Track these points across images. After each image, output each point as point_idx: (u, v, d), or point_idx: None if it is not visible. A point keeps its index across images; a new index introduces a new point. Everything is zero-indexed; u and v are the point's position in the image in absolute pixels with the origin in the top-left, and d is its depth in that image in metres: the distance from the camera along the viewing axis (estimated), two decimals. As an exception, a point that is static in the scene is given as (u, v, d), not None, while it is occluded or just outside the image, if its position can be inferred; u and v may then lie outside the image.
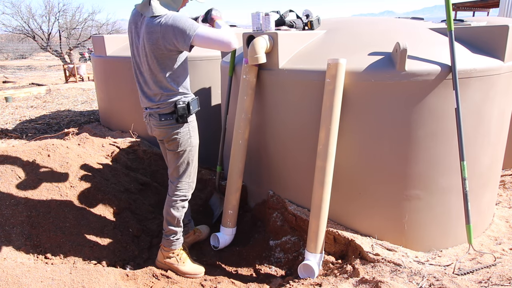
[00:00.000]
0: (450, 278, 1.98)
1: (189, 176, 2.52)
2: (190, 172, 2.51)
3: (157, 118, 2.36)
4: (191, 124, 2.43)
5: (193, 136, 2.44)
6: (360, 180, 2.47)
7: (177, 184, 2.50)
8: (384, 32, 2.69)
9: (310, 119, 2.48)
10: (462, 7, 14.69)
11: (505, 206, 3.25)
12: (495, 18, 4.87)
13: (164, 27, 2.14)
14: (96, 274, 2.24)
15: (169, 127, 2.36)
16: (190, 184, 2.55)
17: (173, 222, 2.52)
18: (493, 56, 2.44)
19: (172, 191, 2.52)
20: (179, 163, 2.46)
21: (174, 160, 2.46)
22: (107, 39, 4.51)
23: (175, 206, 2.50)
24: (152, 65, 2.27)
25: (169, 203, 2.52)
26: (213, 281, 2.50)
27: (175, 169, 2.49)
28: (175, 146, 2.41)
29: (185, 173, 2.49)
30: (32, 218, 2.63)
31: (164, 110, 2.34)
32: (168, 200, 2.53)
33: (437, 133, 2.33)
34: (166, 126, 2.36)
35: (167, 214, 2.52)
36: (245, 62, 2.65)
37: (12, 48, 23.17)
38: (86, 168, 3.23)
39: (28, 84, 11.12)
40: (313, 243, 2.35)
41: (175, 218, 2.51)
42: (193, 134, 2.44)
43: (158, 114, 2.35)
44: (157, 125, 2.38)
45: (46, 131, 5.96)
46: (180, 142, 2.39)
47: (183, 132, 2.38)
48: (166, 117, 2.34)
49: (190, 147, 2.44)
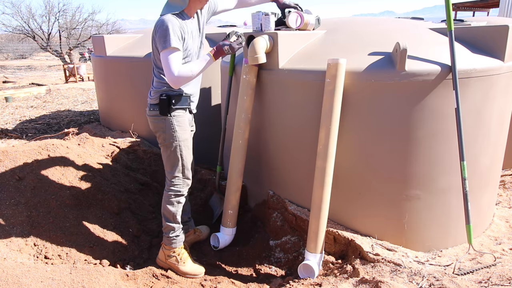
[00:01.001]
0: (450, 278, 1.98)
1: (180, 171, 2.55)
2: (181, 167, 2.54)
3: (148, 107, 2.51)
4: (177, 118, 2.47)
5: (178, 131, 2.48)
6: (360, 180, 2.47)
7: (171, 179, 2.55)
8: (384, 32, 2.70)
9: (310, 119, 2.48)
10: (462, 7, 14.70)
11: (505, 206, 3.25)
12: (495, 18, 4.87)
13: (155, 29, 2.30)
14: (96, 274, 2.24)
15: (154, 118, 2.48)
16: (184, 180, 2.58)
17: (170, 217, 2.57)
18: (493, 56, 2.44)
19: (168, 186, 2.58)
20: (167, 156, 2.53)
21: (164, 153, 2.55)
22: (107, 39, 4.51)
23: (170, 201, 2.56)
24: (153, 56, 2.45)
25: (165, 198, 2.58)
26: (213, 281, 2.50)
27: (166, 162, 2.56)
28: (161, 139, 2.51)
29: (176, 168, 2.53)
30: (32, 218, 2.63)
31: (152, 100, 2.48)
32: (164, 196, 2.59)
33: (437, 133, 2.33)
34: (152, 116, 2.49)
35: (164, 209, 2.58)
36: (245, 62, 2.65)
37: (12, 48, 23.17)
38: (86, 168, 3.23)
39: (28, 84, 11.12)
40: (313, 243, 2.35)
41: (171, 213, 2.56)
42: (178, 129, 2.47)
43: (149, 104, 2.50)
44: (147, 114, 2.52)
45: (46, 131, 5.97)
46: (165, 134, 2.48)
47: (167, 125, 2.45)
48: (153, 107, 2.47)
49: (177, 141, 2.48)
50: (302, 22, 2.72)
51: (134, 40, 4.77)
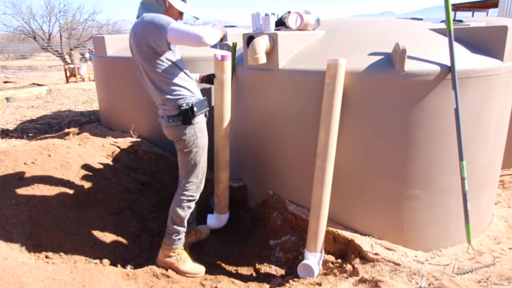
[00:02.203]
0: (449, 277, 1.99)
1: (196, 176, 2.54)
2: (197, 172, 2.53)
3: (166, 119, 2.42)
4: (198, 125, 2.45)
5: (199, 137, 2.46)
6: (359, 179, 2.48)
7: (185, 184, 2.53)
8: (383, 33, 2.70)
9: (310, 119, 2.48)
10: (462, 8, 14.70)
11: (504, 206, 3.25)
12: (494, 19, 4.87)
13: (144, 25, 2.21)
14: (96, 274, 2.25)
15: (176, 128, 2.41)
16: (198, 185, 2.57)
17: (178, 221, 2.55)
18: (492, 56, 2.44)
19: (181, 191, 2.55)
20: (185, 162, 2.50)
21: (182, 159, 2.51)
22: (107, 39, 4.52)
23: (181, 205, 2.54)
24: (144, 67, 2.33)
25: (176, 202, 2.55)
26: (213, 280, 2.51)
27: (182, 168, 2.53)
28: (182, 146, 2.46)
29: (192, 173, 2.51)
30: (33, 217, 2.64)
31: (170, 112, 2.39)
32: (176, 199, 2.56)
33: (436, 133, 2.34)
34: (173, 127, 2.42)
35: (173, 212, 2.55)
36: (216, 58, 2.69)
37: (13, 48, 23.18)
38: (87, 168, 3.24)
39: (29, 84, 11.12)
40: (313, 243, 2.35)
41: (180, 217, 2.54)
42: (199, 135, 2.46)
43: (166, 116, 2.41)
44: (166, 125, 2.45)
45: (47, 131, 5.97)
46: (186, 142, 2.43)
47: (189, 133, 2.42)
48: (173, 118, 2.39)
49: (197, 148, 2.47)
50: (302, 23, 2.73)
51: (134, 40, 4.77)
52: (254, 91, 2.80)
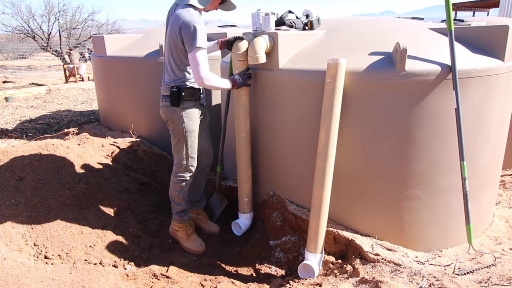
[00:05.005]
0: (450, 278, 1.98)
1: (185, 159, 2.74)
2: (185, 155, 2.73)
3: (161, 98, 2.69)
4: (186, 110, 2.64)
5: (186, 122, 2.65)
6: (360, 180, 2.47)
7: (176, 164, 2.78)
8: (384, 32, 2.69)
9: (310, 119, 2.48)
10: (462, 7, 14.70)
11: (505, 206, 3.25)
12: (495, 18, 4.87)
13: (184, 25, 2.40)
14: (96, 274, 2.24)
15: (166, 108, 2.67)
16: (188, 167, 2.77)
17: (175, 199, 2.83)
18: (493, 56, 2.44)
19: (173, 171, 2.81)
20: (175, 144, 2.74)
21: (172, 140, 2.75)
22: (107, 39, 4.51)
23: (174, 185, 2.80)
24: (171, 47, 2.56)
25: (171, 182, 2.83)
26: (213, 281, 2.50)
27: (173, 149, 2.77)
28: (171, 127, 2.71)
29: (181, 155, 2.73)
30: (32, 218, 2.63)
31: (164, 91, 2.65)
32: (171, 179, 2.83)
33: (437, 133, 2.33)
34: (164, 107, 2.68)
35: (170, 191, 2.85)
36: None
37: (12, 48, 23.17)
38: (86, 168, 3.23)
39: (28, 84, 11.12)
40: (313, 243, 2.35)
41: (175, 195, 2.82)
42: (186, 120, 2.65)
43: (162, 95, 2.68)
44: (160, 105, 2.71)
45: (46, 131, 5.97)
46: (175, 125, 2.66)
47: (177, 115, 2.64)
48: (165, 98, 2.65)
49: (185, 132, 2.67)
50: None
51: (134, 40, 4.76)
52: (254, 91, 2.79)
